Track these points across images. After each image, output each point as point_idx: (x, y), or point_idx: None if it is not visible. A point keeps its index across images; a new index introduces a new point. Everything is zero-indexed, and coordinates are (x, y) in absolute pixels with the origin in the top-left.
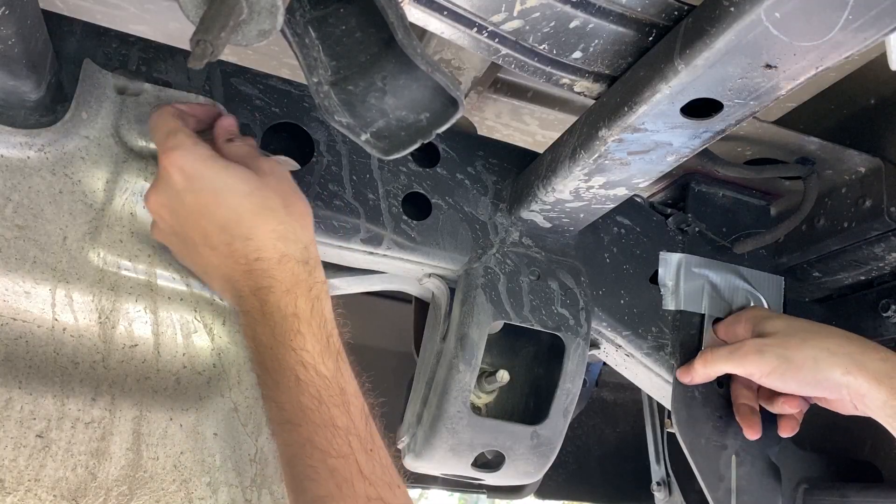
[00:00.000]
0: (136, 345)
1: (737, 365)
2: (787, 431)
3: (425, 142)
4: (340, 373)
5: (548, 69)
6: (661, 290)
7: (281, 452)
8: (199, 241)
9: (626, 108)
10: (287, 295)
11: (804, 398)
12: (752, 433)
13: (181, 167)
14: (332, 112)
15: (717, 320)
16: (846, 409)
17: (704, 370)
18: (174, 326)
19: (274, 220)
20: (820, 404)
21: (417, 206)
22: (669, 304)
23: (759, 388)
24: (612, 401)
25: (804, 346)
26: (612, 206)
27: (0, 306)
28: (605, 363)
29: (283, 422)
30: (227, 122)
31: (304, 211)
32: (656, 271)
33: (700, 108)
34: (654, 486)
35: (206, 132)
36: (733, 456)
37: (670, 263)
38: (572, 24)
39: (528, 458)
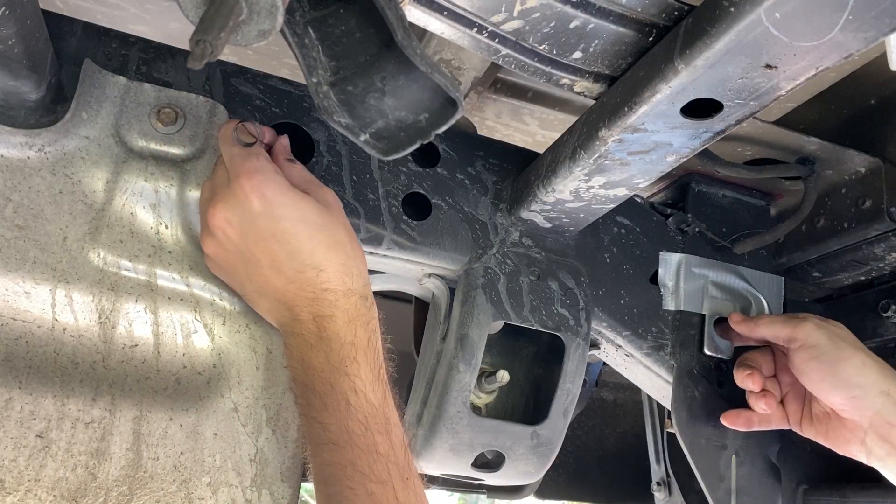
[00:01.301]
0: (136, 345)
1: (792, 329)
2: (732, 418)
3: (424, 142)
4: (387, 402)
5: (548, 69)
6: (661, 290)
7: (317, 471)
8: (265, 264)
9: (626, 109)
10: (348, 325)
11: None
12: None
13: (262, 193)
14: (332, 112)
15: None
16: (850, 441)
17: (760, 326)
18: (174, 326)
19: (343, 255)
20: (814, 433)
21: (417, 207)
22: (669, 305)
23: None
24: (612, 401)
25: (860, 351)
26: (612, 206)
27: (0, 306)
28: (605, 363)
29: (327, 442)
30: (285, 142)
31: (360, 246)
32: (656, 271)
33: (700, 109)
34: (654, 486)
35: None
36: (733, 456)
37: (670, 263)
38: (572, 25)
39: (528, 458)
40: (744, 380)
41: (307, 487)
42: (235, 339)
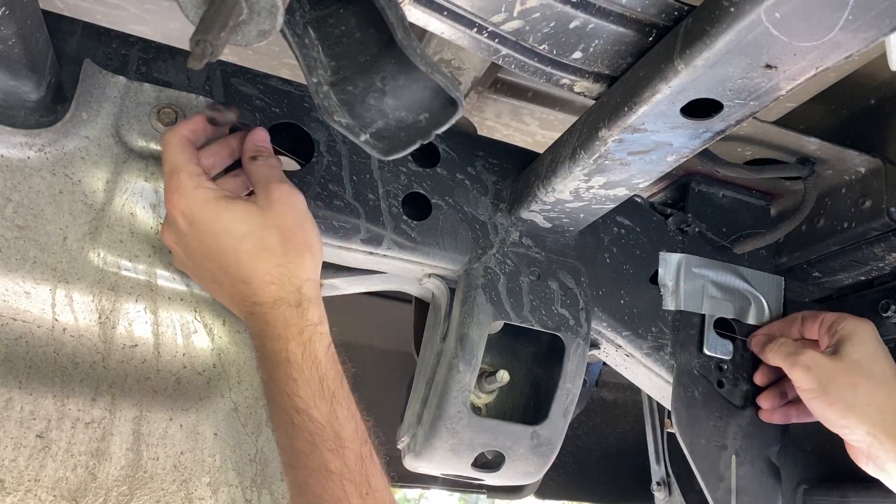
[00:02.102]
0: (136, 345)
1: (788, 368)
2: (768, 414)
3: (425, 142)
4: (335, 416)
5: (548, 69)
6: (661, 290)
7: (288, 491)
8: (210, 280)
9: (626, 109)
10: (279, 341)
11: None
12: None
13: (182, 211)
14: (332, 112)
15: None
16: (858, 459)
17: (767, 352)
18: (174, 326)
19: (270, 262)
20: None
21: (417, 207)
22: (669, 305)
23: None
24: (612, 401)
25: (849, 387)
26: (612, 206)
27: (0, 306)
28: (605, 363)
29: (285, 464)
30: (257, 137)
31: (303, 245)
32: (656, 271)
33: (700, 109)
34: (654, 486)
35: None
36: (733, 456)
37: (670, 263)
38: (572, 25)
39: (528, 459)
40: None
41: None
42: (235, 339)
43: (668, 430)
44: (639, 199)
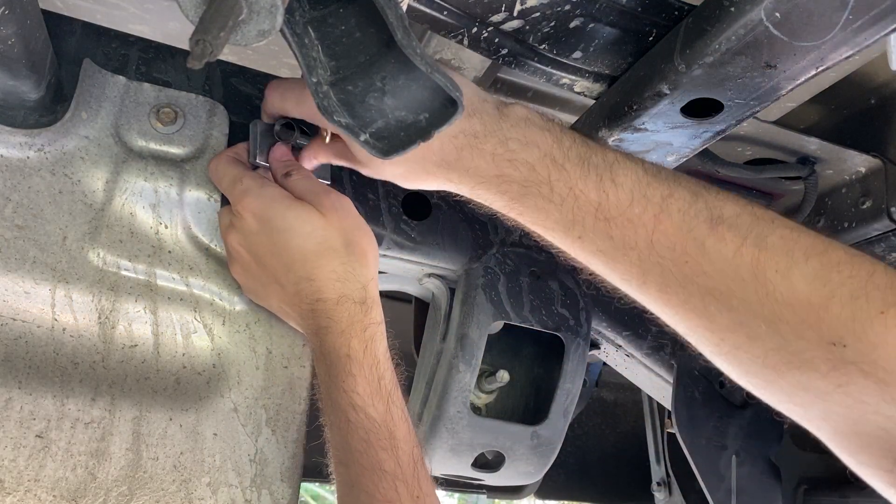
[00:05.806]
0: (135, 345)
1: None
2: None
3: (424, 142)
4: (390, 416)
5: (548, 69)
6: None
7: (336, 491)
8: (272, 280)
9: (626, 109)
10: (341, 336)
11: None
12: None
13: (253, 211)
14: (331, 112)
15: None
16: None
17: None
18: (174, 326)
19: (335, 260)
20: None
21: (417, 206)
22: None
23: None
24: (612, 401)
25: None
26: None
27: (0, 306)
28: (605, 363)
29: (337, 462)
30: (279, 154)
31: (365, 248)
32: None
33: (700, 108)
34: (654, 486)
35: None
36: (733, 456)
37: None
38: (572, 25)
39: (528, 459)
40: None
41: (307, 487)
42: (235, 339)
43: (668, 430)
44: None
